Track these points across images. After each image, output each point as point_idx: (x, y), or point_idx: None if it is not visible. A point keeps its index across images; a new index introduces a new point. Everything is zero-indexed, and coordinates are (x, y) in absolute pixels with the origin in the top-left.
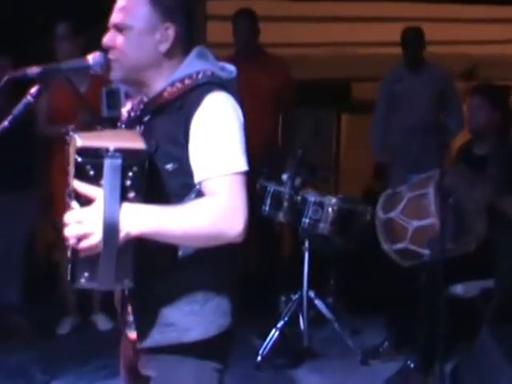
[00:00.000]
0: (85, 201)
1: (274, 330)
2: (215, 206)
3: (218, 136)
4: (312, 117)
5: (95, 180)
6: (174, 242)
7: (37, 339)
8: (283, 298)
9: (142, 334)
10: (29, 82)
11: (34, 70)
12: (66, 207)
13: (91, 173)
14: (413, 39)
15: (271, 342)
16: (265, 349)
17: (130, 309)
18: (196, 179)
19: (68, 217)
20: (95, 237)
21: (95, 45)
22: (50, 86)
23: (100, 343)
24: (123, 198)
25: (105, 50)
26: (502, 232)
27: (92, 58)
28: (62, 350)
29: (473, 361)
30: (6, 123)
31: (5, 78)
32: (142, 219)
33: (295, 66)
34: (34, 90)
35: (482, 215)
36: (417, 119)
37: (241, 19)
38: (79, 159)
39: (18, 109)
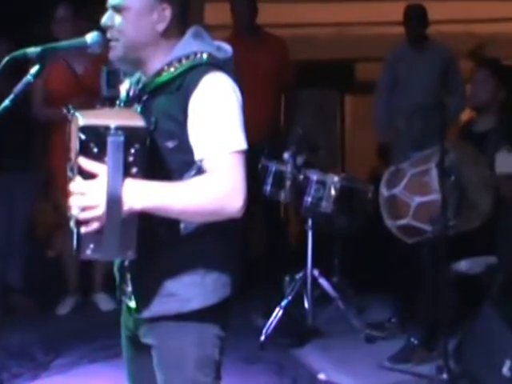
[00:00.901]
0: (88, 176)
1: (278, 309)
2: (215, 182)
3: (217, 115)
4: (316, 98)
5: (99, 157)
6: (176, 217)
7: (38, 319)
8: (287, 278)
9: (143, 304)
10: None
11: (33, 50)
12: (67, 182)
13: (95, 150)
14: (415, 16)
15: (275, 322)
16: (269, 328)
17: (128, 279)
18: (196, 157)
19: (73, 186)
20: (99, 209)
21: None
22: (48, 65)
23: (101, 323)
24: (126, 173)
25: (103, 30)
26: (504, 209)
27: (90, 37)
28: (64, 330)
29: (476, 336)
30: (7, 102)
31: (5, 59)
32: (144, 194)
33: (298, 47)
34: (33, 69)
35: (486, 192)
36: (419, 98)
37: (240, 3)
38: (83, 137)
39: (18, 88)
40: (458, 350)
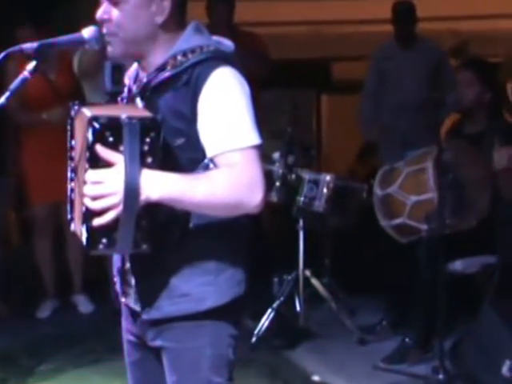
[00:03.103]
0: (104, 166)
1: (269, 311)
2: (235, 175)
3: (229, 111)
4: (291, 97)
5: (114, 146)
6: (193, 209)
7: (19, 324)
8: (276, 279)
9: (151, 305)
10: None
11: (29, 46)
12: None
13: (110, 139)
14: (404, 14)
15: (267, 323)
16: (260, 329)
17: (132, 281)
18: (209, 154)
19: (88, 176)
20: (116, 197)
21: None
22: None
23: (83, 326)
24: (142, 163)
25: (99, 24)
26: (502, 208)
27: (87, 32)
28: (46, 334)
29: (475, 336)
30: (2, 100)
31: (2, 54)
32: (161, 184)
33: (274, 46)
34: (30, 65)
35: (483, 191)
36: (408, 97)
37: (220, 2)
38: (97, 125)
39: (14, 85)
40: (453, 351)
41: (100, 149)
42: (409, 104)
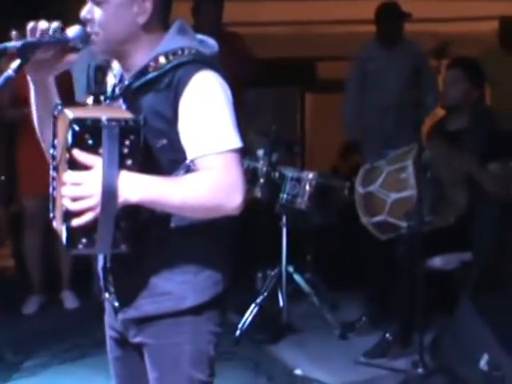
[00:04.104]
0: (84, 167)
1: (253, 306)
2: (214, 178)
3: (209, 114)
4: (276, 96)
5: (93, 149)
6: (172, 211)
7: (4, 320)
8: (260, 275)
9: (131, 304)
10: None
11: (13, 44)
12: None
13: (90, 142)
14: (388, 14)
15: (250, 318)
16: (244, 324)
17: (111, 279)
18: (190, 156)
19: (66, 177)
20: (93, 199)
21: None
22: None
23: (69, 322)
24: (121, 165)
25: (83, 24)
26: (480, 205)
27: (71, 31)
28: (32, 330)
29: (453, 331)
30: None
31: None
32: (140, 186)
33: (259, 45)
34: (14, 64)
35: (460, 189)
36: (391, 96)
37: (210, 3)
38: (77, 128)
39: None
40: (433, 345)
41: (78, 153)
42: (392, 104)
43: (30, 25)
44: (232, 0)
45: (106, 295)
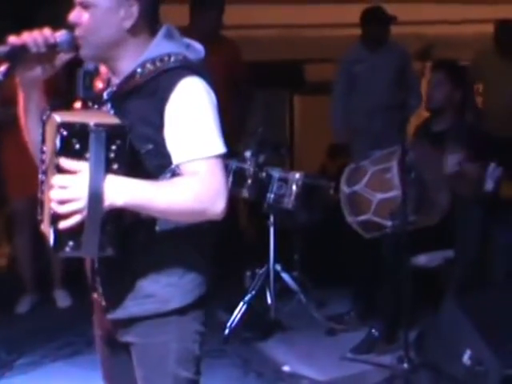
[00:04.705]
0: (70, 173)
1: (241, 304)
2: (199, 183)
3: (194, 120)
4: (265, 99)
5: (80, 153)
6: (157, 215)
7: None
8: (248, 273)
9: (118, 305)
10: None
11: (1, 49)
12: (39, 184)
13: (77, 146)
14: (374, 19)
15: (239, 316)
16: (232, 322)
17: (99, 280)
18: (175, 161)
19: (54, 180)
20: (80, 202)
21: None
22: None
23: (61, 321)
24: (107, 170)
25: (71, 28)
26: (462, 204)
27: (59, 36)
28: (25, 329)
29: (437, 327)
30: None
31: None
32: (126, 190)
33: (247, 49)
34: (3, 68)
35: (444, 189)
36: (378, 98)
37: (208, 4)
38: (65, 133)
39: None
40: (418, 341)
41: (64, 161)
42: (379, 105)
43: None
44: None
45: (95, 295)
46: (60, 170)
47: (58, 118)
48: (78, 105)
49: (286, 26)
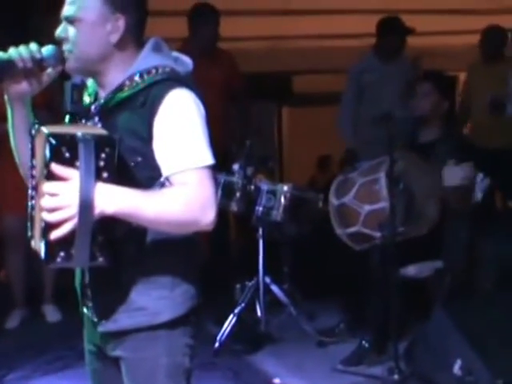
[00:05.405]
0: (60, 181)
1: (231, 317)
2: (189, 193)
3: (182, 132)
4: (253, 110)
5: (70, 162)
6: (147, 224)
7: None
8: (238, 286)
9: (107, 318)
10: None
11: None
12: (29, 200)
13: (67, 155)
14: (391, 29)
15: (229, 329)
16: (222, 335)
17: (89, 294)
18: (165, 173)
19: (45, 188)
20: (71, 209)
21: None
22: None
23: (51, 335)
24: (97, 178)
25: (58, 43)
26: (450, 214)
27: (45, 51)
28: (14, 344)
29: (427, 338)
30: None
31: None
32: (116, 198)
33: (237, 60)
34: None
35: (432, 200)
36: (386, 109)
37: (205, 17)
38: (54, 142)
39: None
40: (408, 352)
41: (55, 167)
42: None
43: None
44: None
45: (85, 309)
46: (50, 177)
47: (46, 129)
48: (66, 119)
49: (274, 37)
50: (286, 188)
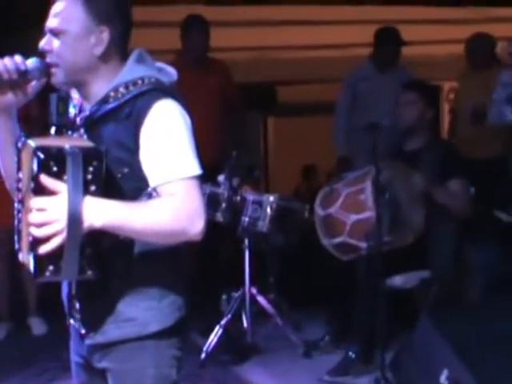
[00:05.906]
0: (49, 195)
1: (217, 327)
2: (177, 204)
3: (169, 143)
4: None
5: (58, 175)
6: (136, 236)
7: None
8: (224, 297)
9: (95, 329)
10: None
11: None
12: (16, 214)
13: (54, 169)
14: (388, 39)
15: (215, 339)
16: (209, 346)
17: (77, 306)
18: (152, 184)
19: (32, 203)
20: (59, 223)
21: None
22: None
23: (37, 347)
24: (85, 191)
25: (43, 55)
26: (436, 224)
27: (30, 63)
28: (1, 357)
29: (413, 348)
30: None
31: None
32: (104, 211)
33: None
34: None
35: (417, 209)
36: (383, 117)
37: (197, 27)
38: (42, 156)
39: None
40: (394, 362)
41: (44, 178)
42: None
43: None
44: None
45: (71, 321)
46: (37, 191)
47: (33, 143)
48: (51, 131)
49: (259, 48)
50: (271, 198)
